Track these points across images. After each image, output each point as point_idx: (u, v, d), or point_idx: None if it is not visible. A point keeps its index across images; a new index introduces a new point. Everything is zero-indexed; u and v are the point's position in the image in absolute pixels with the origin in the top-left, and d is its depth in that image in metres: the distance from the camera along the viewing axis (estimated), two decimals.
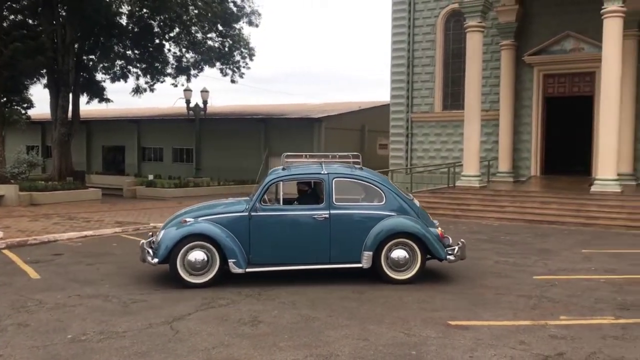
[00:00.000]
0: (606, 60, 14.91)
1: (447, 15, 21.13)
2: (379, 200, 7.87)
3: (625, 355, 5.04)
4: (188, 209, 8.41)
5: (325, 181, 7.74)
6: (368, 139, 28.90)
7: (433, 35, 21.44)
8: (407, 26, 21.89)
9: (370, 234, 7.61)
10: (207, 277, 7.46)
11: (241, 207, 7.74)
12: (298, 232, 7.66)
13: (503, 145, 19.58)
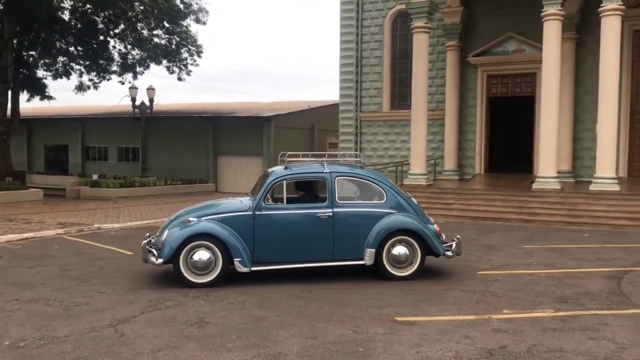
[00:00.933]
0: (546, 62, 15.43)
1: (394, 15, 21.40)
2: (380, 199, 8.05)
3: (564, 346, 5.23)
4: (189, 208, 8.35)
5: (328, 180, 7.87)
6: (318, 138, 28.96)
7: (381, 35, 21.68)
8: (356, 26, 22.06)
9: (372, 231, 7.78)
10: (211, 276, 7.45)
11: (245, 206, 7.79)
12: (302, 230, 7.76)
13: (449, 144, 19.99)
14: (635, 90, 17.96)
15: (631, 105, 17.95)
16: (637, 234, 12.36)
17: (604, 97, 14.79)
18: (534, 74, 18.70)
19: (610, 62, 14.68)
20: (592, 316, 6.19)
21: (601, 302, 6.79)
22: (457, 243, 8.24)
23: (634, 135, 18.03)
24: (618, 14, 14.58)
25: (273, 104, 32.25)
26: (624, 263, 9.12)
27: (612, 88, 14.73)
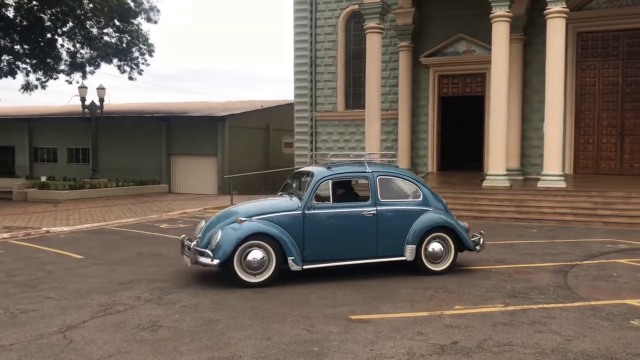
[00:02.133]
0: (495, 62, 15.80)
1: (347, 16, 21.53)
2: (416, 197, 8.37)
3: (513, 340, 5.37)
4: (232, 209, 8.34)
5: (371, 179, 8.10)
6: (273, 138, 28.88)
7: (334, 35, 21.78)
8: (309, 26, 22.10)
9: (412, 228, 8.10)
10: (265, 276, 7.48)
11: (294, 205, 7.85)
12: (348, 228, 7.93)
13: (402, 143, 20.24)
14: (579, 90, 18.60)
15: (576, 104, 18.58)
16: (581, 229, 12.81)
17: (550, 97, 15.24)
18: (484, 74, 19.13)
19: (556, 63, 15.14)
20: (540, 310, 6.37)
21: (549, 296, 7.00)
22: (482, 238, 8.68)
23: (578, 133, 18.67)
24: (563, 16, 15.05)
25: (227, 104, 31.98)
26: (570, 257, 9.43)
27: (558, 88, 15.20)
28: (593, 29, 18.35)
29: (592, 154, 18.65)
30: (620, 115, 18.28)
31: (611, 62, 18.32)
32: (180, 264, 9.06)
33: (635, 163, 18.17)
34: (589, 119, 18.61)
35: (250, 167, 24.50)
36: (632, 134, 18.17)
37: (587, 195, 14.63)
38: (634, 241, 11.07)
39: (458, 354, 5.01)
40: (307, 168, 8.65)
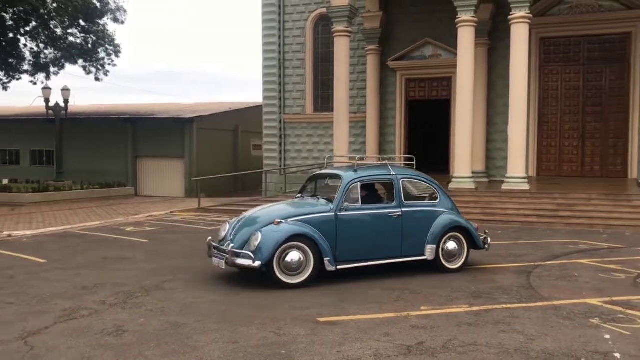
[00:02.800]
0: (461, 66, 16.05)
1: (316, 19, 21.58)
2: (434, 199, 8.80)
3: (478, 340, 5.46)
4: (255, 211, 8.32)
5: (395, 182, 8.39)
6: (242, 140, 28.76)
7: (303, 38, 21.81)
8: (278, 28, 22.08)
9: (432, 228, 8.45)
10: (303, 276, 7.59)
11: (326, 207, 8.02)
12: (376, 229, 8.18)
13: (370, 146, 20.36)
14: (542, 94, 19.02)
15: (539, 108, 18.99)
16: (544, 230, 13.09)
17: (514, 101, 15.55)
18: (450, 78, 19.40)
19: (520, 67, 15.46)
20: (504, 310, 6.49)
21: (512, 296, 7.14)
22: (488, 237, 9.10)
23: (541, 136, 19.08)
24: (526, 21, 15.38)
25: (195, 106, 31.73)
26: (533, 258, 9.63)
27: (522, 92, 15.52)
28: (555, 35, 18.79)
29: (554, 157, 19.09)
30: (582, 119, 18.76)
31: (572, 67, 18.79)
32: (146, 267, 9.00)
33: (596, 166, 18.66)
34: (551, 122, 19.05)
35: (218, 169, 24.33)
36: (592, 137, 18.66)
37: (550, 197, 14.97)
38: (594, 242, 11.36)
39: (424, 354, 5.08)
40: (330, 171, 8.94)
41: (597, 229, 13.08)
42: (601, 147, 18.58)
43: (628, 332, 5.67)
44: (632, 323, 5.96)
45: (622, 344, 5.30)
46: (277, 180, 21.81)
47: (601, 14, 17.96)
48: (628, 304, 6.70)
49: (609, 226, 13.24)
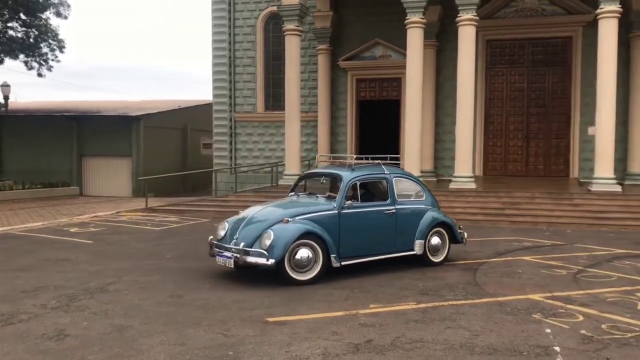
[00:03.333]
0: (410, 68, 16.26)
1: (266, 17, 21.48)
2: (421, 196, 9.25)
3: (424, 336, 5.53)
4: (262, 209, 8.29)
5: (389, 180, 8.77)
6: (191, 139, 28.36)
7: (253, 36, 21.67)
8: (228, 26, 21.87)
9: (420, 225, 8.88)
10: (313, 273, 7.73)
11: (329, 205, 8.19)
12: (374, 226, 8.49)
13: (322, 145, 20.41)
14: (488, 95, 19.49)
15: (485, 109, 19.45)
16: (490, 228, 13.41)
17: (461, 102, 15.88)
18: (400, 78, 19.63)
19: (467, 69, 15.79)
20: (450, 307, 6.61)
21: (458, 293, 7.28)
22: (465, 233, 9.58)
23: (487, 137, 19.56)
24: (473, 24, 15.73)
25: (142, 103, 31.10)
26: (479, 255, 9.84)
27: (469, 93, 15.86)
28: (501, 37, 19.29)
29: (500, 157, 19.60)
30: (526, 119, 19.32)
31: (517, 69, 19.33)
32: (90, 269, 8.75)
33: (539, 165, 19.26)
34: (497, 123, 19.55)
35: (166, 168, 23.92)
36: (536, 137, 19.25)
37: (496, 195, 15.35)
38: (538, 239, 11.72)
39: (372, 352, 5.11)
40: (326, 170, 9.25)
41: (540, 227, 13.50)
42: (544, 147, 19.19)
43: (567, 326, 5.86)
44: (572, 317, 6.16)
45: (562, 338, 5.47)
46: (227, 180, 21.61)
47: (544, 18, 18.55)
48: (568, 299, 6.93)
49: (551, 224, 13.69)
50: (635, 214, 13.81)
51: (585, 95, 18.19)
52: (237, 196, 17.89)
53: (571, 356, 5.00)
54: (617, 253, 10.15)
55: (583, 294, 7.22)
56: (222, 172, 21.43)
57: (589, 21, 17.55)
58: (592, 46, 16.10)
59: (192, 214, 16.28)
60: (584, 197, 14.84)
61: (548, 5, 18.50)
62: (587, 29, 17.87)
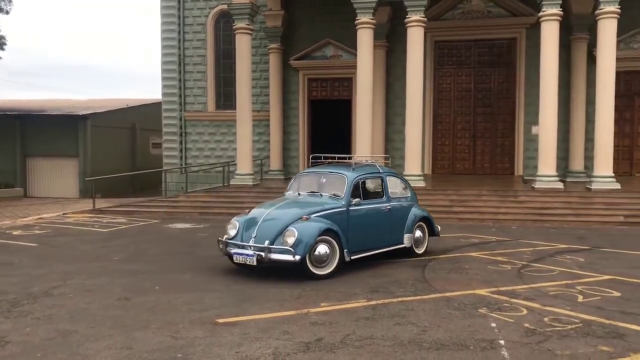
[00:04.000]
0: (360, 68, 16.41)
1: (217, 15, 21.27)
2: (406, 193, 9.84)
3: (374, 333, 5.61)
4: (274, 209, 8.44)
5: (384, 178, 9.33)
6: (140, 138, 27.82)
7: (204, 34, 21.43)
8: (178, 24, 21.55)
9: (408, 219, 9.50)
10: (330, 268, 8.08)
11: (338, 203, 8.56)
12: (375, 221, 8.96)
13: (274, 144, 20.38)
14: (437, 95, 19.87)
15: (434, 109, 19.82)
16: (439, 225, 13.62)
17: (410, 102, 16.13)
18: (351, 78, 19.77)
19: (415, 70, 16.05)
20: (400, 303, 6.73)
21: (407, 289, 7.41)
22: (439, 226, 10.33)
23: (436, 136, 19.94)
24: (421, 25, 16.00)
25: (90, 102, 30.34)
26: (428, 252, 10.01)
27: (418, 93, 16.12)
28: (449, 39, 19.69)
29: (448, 155, 20.01)
30: (473, 119, 19.79)
31: (464, 70, 19.78)
32: (34, 273, 8.50)
33: (486, 164, 19.77)
34: (445, 122, 19.95)
35: (115, 168, 23.39)
36: (482, 136, 19.74)
37: (444, 193, 15.67)
38: (484, 235, 12.03)
39: (322, 350, 5.15)
40: (327, 169, 9.42)
41: (487, 224, 13.86)
42: (490, 146, 19.70)
43: (512, 319, 6.05)
44: (516, 311, 6.36)
45: (507, 332, 5.65)
46: (177, 180, 21.31)
47: (490, 19, 19.03)
48: (512, 294, 7.16)
49: (497, 220, 14.08)
50: (576, 210, 14.35)
51: (529, 96, 18.77)
52: (188, 196, 17.67)
53: (515, 349, 5.17)
54: (559, 248, 10.53)
55: (527, 288, 7.46)
56: (172, 172, 21.12)
57: (532, 23, 18.12)
58: (535, 48, 16.64)
59: (141, 215, 15.99)
60: (528, 194, 15.32)
61: (493, 8, 18.99)
62: (531, 31, 18.45)
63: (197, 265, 9.07)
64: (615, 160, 16.43)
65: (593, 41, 16.34)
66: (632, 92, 18.61)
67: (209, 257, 9.71)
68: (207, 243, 11.28)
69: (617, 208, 14.26)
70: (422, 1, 15.86)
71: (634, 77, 18.53)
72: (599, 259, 9.53)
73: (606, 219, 13.79)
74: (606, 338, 5.44)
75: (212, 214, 15.92)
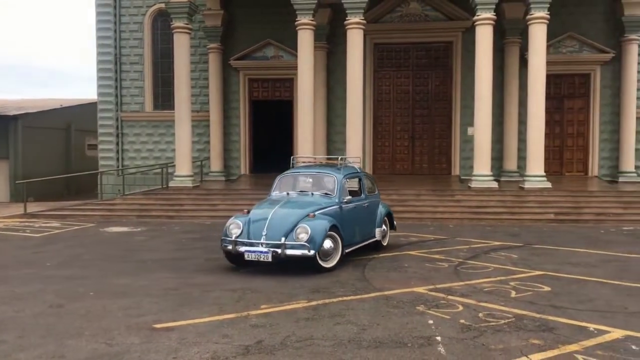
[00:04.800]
0: (301, 69, 16.46)
1: (154, 14, 20.83)
2: (374, 191, 10.59)
3: (314, 334, 5.63)
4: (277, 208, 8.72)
5: (361, 177, 10.22)
6: (75, 139, 26.88)
7: (141, 33, 20.94)
8: (114, 22, 20.97)
9: (378, 215, 10.25)
10: (334, 261, 8.64)
11: (331, 200, 9.14)
12: (358, 217, 9.57)
13: (214, 145, 20.14)
14: (377, 97, 20.14)
15: (374, 110, 20.09)
16: None
17: (351, 103, 16.29)
18: (292, 79, 19.77)
19: (356, 71, 16.23)
20: (340, 303, 6.77)
21: (348, 288, 7.47)
22: (395, 221, 11.15)
23: (376, 137, 20.21)
24: (361, 27, 16.19)
25: (21, 102, 29.11)
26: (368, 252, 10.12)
27: (358, 95, 16.31)
28: (388, 41, 19.99)
29: (388, 156, 20.32)
30: (411, 121, 20.17)
31: (403, 72, 20.13)
32: None
33: (424, 164, 20.19)
34: (385, 124, 20.25)
35: (48, 171, 22.49)
36: (420, 138, 20.16)
37: (385, 193, 15.73)
38: (423, 234, 12.29)
39: (262, 352, 5.12)
40: (314, 169, 10.36)
41: (425, 222, 14.16)
42: (428, 147, 20.14)
43: (448, 316, 6.19)
44: (452, 308, 6.52)
45: (443, 328, 5.78)
46: (114, 182, 20.69)
47: (427, 23, 19.45)
48: (449, 291, 7.34)
49: (435, 219, 14.41)
50: (510, 208, 14.87)
51: (464, 98, 19.30)
52: (125, 199, 17.21)
53: (451, 345, 5.29)
54: (493, 245, 10.88)
55: (463, 285, 7.67)
56: (108, 174, 20.53)
57: (467, 27, 18.64)
58: (471, 51, 17.13)
59: (76, 219, 15.48)
60: (464, 193, 15.76)
61: (431, 11, 19.42)
62: (466, 34, 18.97)
63: (134, 269, 8.86)
64: (547, 160, 17.17)
65: (525, 45, 16.98)
66: (562, 95, 19.45)
67: (146, 261, 9.51)
68: (145, 246, 11.04)
69: (549, 206, 14.87)
70: (361, 3, 16.05)
71: (563, 80, 19.37)
72: (531, 255, 9.91)
73: (538, 217, 14.35)
74: (537, 331, 5.65)
75: (150, 216, 15.58)
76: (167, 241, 11.71)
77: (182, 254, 10.15)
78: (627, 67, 18.37)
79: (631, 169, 18.51)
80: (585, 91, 19.38)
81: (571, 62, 19.01)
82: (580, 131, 19.51)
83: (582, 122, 19.48)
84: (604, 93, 19.15)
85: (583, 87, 19.40)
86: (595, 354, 5.02)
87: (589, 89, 19.32)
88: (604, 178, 18.89)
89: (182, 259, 9.71)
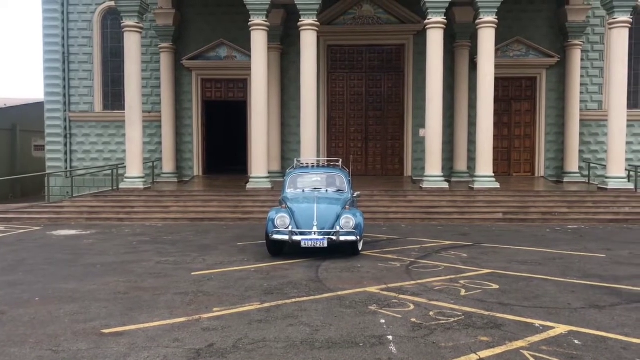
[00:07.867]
0: (254, 69, 16.39)
1: (104, 12, 20.36)
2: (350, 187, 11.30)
3: (267, 336, 5.61)
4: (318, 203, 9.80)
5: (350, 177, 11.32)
6: (21, 140, 26.00)
7: (90, 31, 20.43)
8: (62, 20, 20.39)
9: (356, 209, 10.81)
10: (361, 245, 10.13)
11: (348, 195, 10.64)
12: None
13: (166, 146, 19.82)
14: (330, 99, 20.24)
15: (328, 112, 20.18)
16: None
17: (304, 105, 16.33)
18: (246, 80, 19.68)
19: (309, 73, 16.27)
20: (293, 304, 6.77)
21: (301, 290, 7.48)
22: None
23: (330, 138, 20.31)
24: (314, 29, 16.24)
25: None
26: (322, 253, 10.15)
27: (311, 96, 16.35)
28: (341, 43, 20.12)
29: (342, 157, 20.39)
30: (365, 122, 20.36)
31: (356, 74, 20.30)
32: None
33: (377, 165, 20.41)
34: (339, 125, 20.37)
35: None
36: (374, 139, 20.37)
37: None
38: (376, 234, 12.42)
39: (213, 356, 5.07)
40: (322, 170, 11.74)
41: (378, 223, 14.30)
42: (381, 148, 20.37)
43: (400, 315, 6.28)
44: (404, 307, 6.61)
45: (395, 327, 5.85)
46: (62, 184, 20.14)
47: (380, 26, 19.67)
48: (400, 290, 7.43)
49: (388, 219, 14.58)
50: (460, 208, 15.18)
51: (416, 100, 19.61)
52: (73, 201, 16.74)
53: (402, 343, 5.37)
54: (444, 244, 11.08)
55: (414, 284, 7.78)
56: (56, 175, 19.95)
57: (419, 30, 18.94)
58: (422, 54, 17.43)
59: (22, 222, 14.98)
60: (416, 193, 16.00)
61: (383, 14, 19.64)
62: (418, 37, 19.29)
63: (82, 273, 8.64)
64: (495, 161, 17.62)
65: (475, 49, 17.36)
66: (509, 97, 19.99)
67: (95, 265, 9.28)
68: (94, 250, 10.78)
69: (497, 206, 15.25)
70: (315, 5, 16.11)
71: (510, 83, 19.91)
72: (481, 254, 10.14)
73: (487, 216, 14.69)
74: (485, 329, 5.79)
75: (100, 219, 15.22)
76: (117, 244, 11.46)
77: (132, 257, 9.96)
78: (571, 71, 19.02)
79: (575, 170, 19.18)
80: (531, 94, 19.98)
81: (518, 66, 19.58)
82: (527, 133, 20.09)
83: (528, 124, 20.07)
84: (550, 96, 19.79)
85: (530, 89, 19.99)
86: (540, 349, 5.18)
87: (535, 92, 19.92)
88: (550, 178, 19.52)
89: (132, 262, 9.52)
